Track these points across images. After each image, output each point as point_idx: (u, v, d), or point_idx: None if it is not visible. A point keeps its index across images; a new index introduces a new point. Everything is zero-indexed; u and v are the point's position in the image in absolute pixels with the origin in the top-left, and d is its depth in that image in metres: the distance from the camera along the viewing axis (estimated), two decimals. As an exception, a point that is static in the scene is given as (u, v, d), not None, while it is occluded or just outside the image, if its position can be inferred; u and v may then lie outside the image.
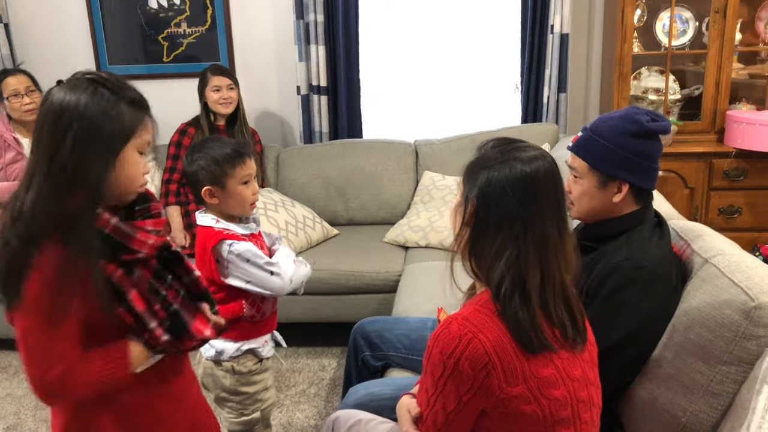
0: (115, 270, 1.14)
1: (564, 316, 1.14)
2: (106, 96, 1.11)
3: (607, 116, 1.59)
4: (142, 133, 1.16)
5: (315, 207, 3.31)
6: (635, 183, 1.52)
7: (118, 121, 1.11)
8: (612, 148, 1.51)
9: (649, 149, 1.53)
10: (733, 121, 3.02)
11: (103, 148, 1.11)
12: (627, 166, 1.51)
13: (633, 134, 1.51)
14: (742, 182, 3.05)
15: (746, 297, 1.29)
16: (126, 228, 1.15)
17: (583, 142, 1.57)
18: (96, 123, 1.09)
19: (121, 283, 1.14)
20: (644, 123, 1.51)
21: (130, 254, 1.15)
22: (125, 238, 1.14)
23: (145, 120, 1.17)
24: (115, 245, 1.13)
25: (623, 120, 1.53)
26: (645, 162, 1.52)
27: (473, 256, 1.18)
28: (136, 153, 1.16)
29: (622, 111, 1.59)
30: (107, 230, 1.12)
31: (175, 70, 3.71)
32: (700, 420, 1.32)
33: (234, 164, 1.64)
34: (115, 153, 1.12)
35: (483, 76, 3.64)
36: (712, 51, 3.08)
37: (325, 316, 2.89)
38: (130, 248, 1.15)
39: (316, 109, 3.56)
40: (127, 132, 1.13)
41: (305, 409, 2.54)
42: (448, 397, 1.13)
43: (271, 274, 1.66)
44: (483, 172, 1.17)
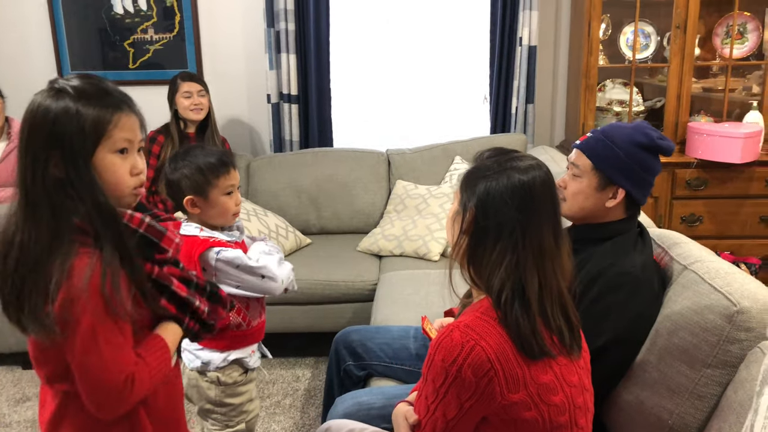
0: (152, 267, 1.13)
1: (561, 323, 1.17)
2: (65, 101, 1.07)
3: (619, 125, 1.67)
4: (113, 132, 1.09)
5: (287, 216, 3.29)
6: (631, 192, 1.58)
7: (77, 125, 1.06)
8: (619, 154, 1.57)
9: (652, 164, 1.59)
10: (693, 132, 3.14)
11: (71, 154, 1.06)
12: (629, 175, 1.56)
13: (642, 146, 1.57)
14: (702, 191, 3.17)
15: (728, 302, 1.34)
16: (158, 226, 1.14)
17: (593, 142, 1.62)
18: (60, 130, 1.05)
19: (160, 277, 1.14)
20: (654, 138, 1.58)
21: (161, 253, 1.14)
22: (158, 236, 1.13)
23: (116, 118, 1.09)
24: (149, 244, 1.13)
25: (635, 131, 1.60)
26: (645, 175, 1.58)
27: (472, 263, 1.20)
28: (112, 155, 1.10)
29: (633, 123, 1.67)
30: (142, 229, 1.11)
31: (141, 77, 3.64)
32: (686, 422, 1.36)
33: (218, 174, 1.62)
34: (84, 157, 1.07)
35: (453, 86, 3.68)
36: (674, 64, 3.19)
37: (301, 326, 2.87)
38: (162, 247, 1.14)
39: (286, 117, 3.54)
40: (91, 135, 1.07)
41: (281, 420, 2.51)
42: (450, 405, 1.13)
43: (263, 277, 1.65)
44: (481, 181, 1.18)
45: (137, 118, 1.15)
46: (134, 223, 1.11)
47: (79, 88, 1.09)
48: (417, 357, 1.92)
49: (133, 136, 1.13)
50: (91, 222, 1.06)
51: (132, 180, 1.13)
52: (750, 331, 1.30)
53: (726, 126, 3.07)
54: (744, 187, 3.14)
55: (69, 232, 1.06)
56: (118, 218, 1.09)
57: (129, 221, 1.10)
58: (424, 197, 3.17)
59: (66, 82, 1.10)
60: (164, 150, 3.05)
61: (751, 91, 3.44)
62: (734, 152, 2.99)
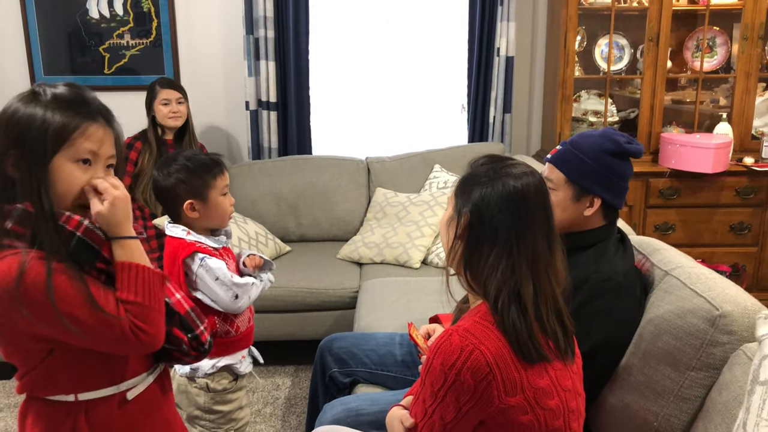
0: (99, 276, 1.09)
1: (556, 327, 1.19)
2: (36, 106, 1.06)
3: (587, 133, 1.68)
4: (77, 140, 1.06)
5: (266, 223, 3.27)
6: (607, 199, 1.60)
7: (40, 130, 1.04)
8: (590, 163, 1.59)
9: (623, 169, 1.62)
10: (666, 142, 3.22)
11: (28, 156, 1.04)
12: (602, 182, 1.59)
13: (610, 153, 1.60)
14: (675, 200, 3.25)
15: (710, 306, 1.37)
16: (99, 231, 1.08)
17: (563, 155, 1.64)
18: (21, 132, 1.04)
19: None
20: (622, 143, 1.60)
21: (103, 263, 1.09)
22: (98, 241, 1.08)
23: (84, 126, 1.07)
24: (89, 249, 1.07)
25: (602, 138, 1.62)
26: (618, 180, 1.61)
27: (468, 269, 1.21)
28: (71, 164, 1.07)
29: (600, 130, 1.69)
30: (79, 233, 1.06)
31: (117, 83, 3.59)
32: (671, 424, 1.40)
33: (215, 175, 1.62)
34: (41, 163, 1.05)
35: (432, 95, 3.71)
36: (647, 76, 3.28)
37: (282, 334, 2.85)
38: (103, 255, 1.08)
39: (265, 124, 3.53)
40: (52, 141, 1.05)
41: (262, 429, 2.48)
42: (448, 408, 1.14)
43: (236, 297, 1.63)
44: (476, 188, 1.20)
45: (112, 134, 1.12)
46: (71, 225, 1.07)
47: (57, 95, 1.08)
48: (403, 363, 1.93)
49: (100, 149, 1.09)
50: (27, 223, 1.04)
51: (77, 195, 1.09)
52: (732, 334, 1.34)
53: (697, 137, 3.16)
54: (715, 197, 3.23)
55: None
56: (55, 219, 1.05)
57: (65, 222, 1.06)
58: (404, 205, 3.18)
59: (49, 88, 1.09)
60: (141, 156, 3.02)
61: (718, 104, 3.55)
62: (706, 162, 3.07)
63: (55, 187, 1.06)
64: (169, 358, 1.22)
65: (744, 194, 3.21)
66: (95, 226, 1.08)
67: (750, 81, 3.26)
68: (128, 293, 1.08)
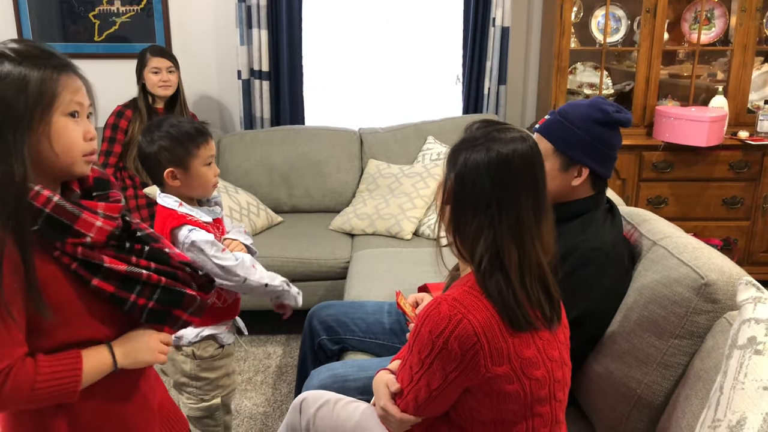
0: (75, 248, 1.04)
1: (541, 295, 1.18)
2: (5, 66, 1.00)
3: (576, 103, 1.66)
4: (62, 95, 1.03)
5: (258, 194, 3.26)
6: (595, 169, 1.59)
7: (20, 90, 1.00)
8: (578, 133, 1.57)
9: (612, 138, 1.61)
10: (661, 116, 3.20)
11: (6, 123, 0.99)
12: (590, 152, 1.58)
13: (599, 122, 1.58)
14: (668, 174, 3.24)
15: (696, 275, 1.38)
16: (69, 206, 1.03)
17: (551, 125, 1.63)
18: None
19: (86, 255, 1.04)
20: (611, 113, 1.58)
21: (75, 237, 1.04)
22: (69, 217, 1.02)
23: (62, 80, 1.03)
24: (59, 227, 1.02)
25: (591, 108, 1.60)
26: (606, 150, 1.60)
27: (456, 234, 1.20)
28: (64, 118, 1.04)
29: (589, 100, 1.66)
30: (48, 209, 1.01)
31: (107, 50, 3.54)
32: (653, 391, 1.41)
33: (198, 144, 1.59)
34: (28, 126, 1.00)
35: (426, 66, 3.68)
36: (643, 48, 3.24)
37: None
38: (75, 230, 1.03)
39: (257, 94, 3.49)
40: (39, 99, 1.01)
41: (253, 396, 2.51)
42: (434, 375, 1.15)
43: (222, 267, 1.61)
44: (462, 152, 1.19)
45: (84, 83, 1.09)
46: (39, 201, 1.01)
47: (20, 51, 1.02)
48: (391, 331, 1.93)
49: (83, 99, 1.07)
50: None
51: (85, 145, 1.08)
52: (716, 302, 1.34)
53: (692, 110, 3.14)
54: (708, 170, 3.22)
55: None
56: (24, 193, 0.99)
57: (34, 199, 1.00)
58: (397, 176, 3.17)
59: (4, 46, 1.03)
60: (132, 125, 2.99)
61: (715, 78, 3.53)
62: (700, 136, 3.06)
63: (56, 145, 1.03)
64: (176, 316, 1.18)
65: (737, 168, 3.21)
66: (66, 200, 1.04)
67: (747, 54, 3.23)
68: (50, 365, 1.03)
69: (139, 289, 1.10)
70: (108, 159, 2.97)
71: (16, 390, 0.99)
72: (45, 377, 1.01)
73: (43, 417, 1.09)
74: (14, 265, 0.98)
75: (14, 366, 0.99)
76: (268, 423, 2.35)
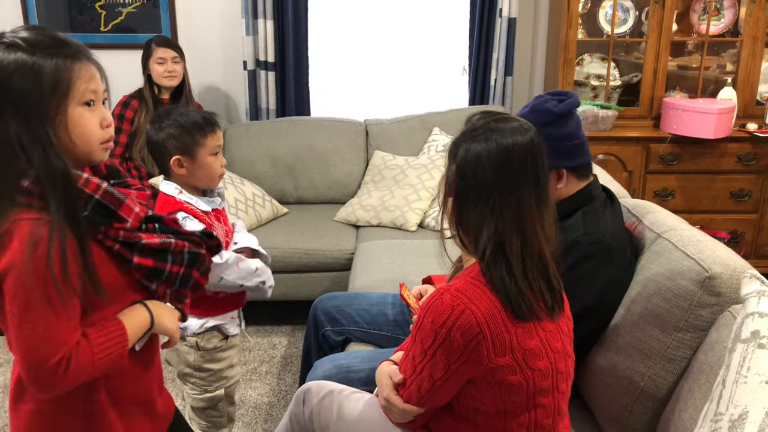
0: (117, 232, 1.07)
1: (542, 284, 1.18)
2: (19, 56, 0.99)
3: (520, 113, 1.61)
4: (76, 84, 1.03)
5: (263, 185, 3.26)
6: (569, 165, 1.57)
7: (35, 80, 0.99)
8: None
9: (567, 129, 1.58)
10: (669, 107, 3.18)
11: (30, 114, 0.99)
12: (555, 154, 1.52)
13: (546, 124, 1.54)
14: (675, 166, 3.22)
15: (700, 268, 1.37)
16: (117, 192, 1.06)
17: None
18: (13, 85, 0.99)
19: (127, 237, 1.08)
20: (552, 108, 1.55)
21: (119, 222, 1.07)
22: (116, 203, 1.06)
23: (76, 69, 1.03)
24: (107, 212, 1.06)
25: (533, 114, 1.57)
26: (568, 143, 1.57)
27: (460, 226, 1.21)
28: (80, 107, 1.04)
29: (529, 105, 1.62)
30: (98, 195, 1.03)
31: (113, 41, 3.54)
32: (656, 384, 1.40)
33: (205, 134, 1.60)
34: (46, 117, 1.00)
35: (432, 57, 3.66)
36: (651, 39, 3.22)
37: (277, 295, 2.84)
38: (120, 215, 1.07)
39: (263, 85, 3.49)
40: (54, 89, 1.01)
41: (258, 386, 2.52)
42: (437, 366, 1.15)
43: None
44: (463, 144, 1.19)
45: (98, 69, 1.09)
46: (90, 188, 1.03)
47: (31, 40, 1.02)
48: (394, 323, 1.94)
49: (97, 87, 1.07)
50: (41, 185, 0.99)
51: (102, 133, 1.08)
52: (720, 295, 1.34)
53: (700, 102, 3.12)
54: (716, 163, 3.20)
55: (12, 194, 1.00)
56: (72, 182, 1.01)
57: (84, 186, 1.03)
58: (402, 168, 3.17)
59: (15, 36, 1.02)
60: (138, 115, 3.00)
61: (724, 69, 3.49)
62: (708, 128, 3.04)
63: (73, 135, 1.04)
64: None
65: (746, 160, 3.18)
66: (113, 188, 1.07)
67: (757, 45, 3.20)
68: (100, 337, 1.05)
69: (171, 258, 1.14)
70: (114, 149, 2.98)
71: (79, 369, 1.02)
72: (100, 349, 1.05)
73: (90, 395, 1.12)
74: (74, 251, 1.00)
75: (73, 349, 1.02)
76: (272, 413, 2.36)
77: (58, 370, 0.99)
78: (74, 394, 1.09)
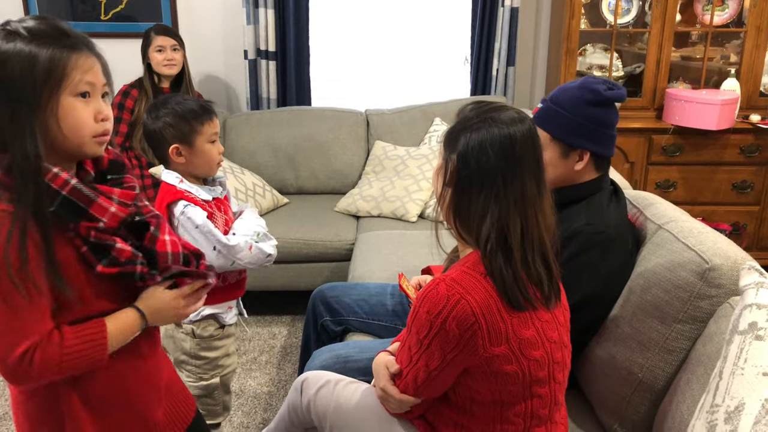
0: (88, 231, 1.04)
1: (541, 270, 1.18)
2: (17, 45, 0.99)
3: (566, 86, 1.63)
4: (71, 75, 1.02)
5: (263, 175, 3.25)
6: (596, 151, 1.57)
7: (28, 68, 0.98)
8: (572, 118, 1.55)
9: (608, 117, 1.58)
10: (672, 98, 3.15)
11: (18, 102, 0.99)
12: (587, 135, 1.55)
13: (591, 103, 1.55)
14: (677, 157, 3.20)
15: (700, 260, 1.36)
16: (86, 190, 1.03)
17: (544, 114, 1.60)
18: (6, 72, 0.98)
19: (99, 238, 1.06)
20: (602, 91, 1.55)
21: (89, 221, 1.05)
22: (85, 201, 1.03)
23: (73, 60, 1.02)
24: (75, 210, 1.03)
25: (581, 89, 1.57)
26: (604, 129, 1.57)
27: (458, 217, 1.20)
28: (73, 98, 1.02)
29: (579, 81, 1.63)
30: (65, 192, 1.01)
31: (114, 29, 3.53)
32: (655, 375, 1.40)
33: (202, 121, 1.60)
34: (37, 106, 0.99)
35: (434, 47, 3.64)
36: (655, 29, 3.19)
37: (277, 285, 2.86)
38: (90, 214, 1.04)
39: (263, 74, 3.48)
40: (47, 78, 0.99)
41: (257, 376, 2.52)
42: (433, 355, 1.15)
43: (214, 249, 1.61)
44: (462, 133, 1.18)
45: (99, 62, 1.07)
46: (57, 183, 1.01)
47: (33, 29, 1.01)
48: (393, 313, 1.93)
49: (95, 79, 1.06)
50: (11, 175, 0.98)
51: (96, 126, 1.06)
52: (720, 287, 1.33)
53: (703, 93, 3.09)
54: (718, 154, 3.18)
55: None
56: (40, 174, 0.99)
57: (51, 181, 1.01)
58: (403, 158, 3.15)
59: (19, 24, 1.02)
60: (138, 104, 2.98)
61: (728, 60, 3.47)
62: (711, 119, 3.02)
63: (63, 125, 1.02)
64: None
65: (748, 152, 3.16)
66: (83, 184, 1.04)
67: (761, 36, 3.17)
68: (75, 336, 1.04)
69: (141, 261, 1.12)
70: (114, 139, 2.94)
71: (45, 363, 1.01)
72: (71, 348, 1.04)
73: (57, 391, 1.11)
74: (36, 243, 0.99)
75: (42, 340, 1.01)
76: (272, 402, 2.36)
77: (21, 363, 0.99)
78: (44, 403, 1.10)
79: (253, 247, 1.67)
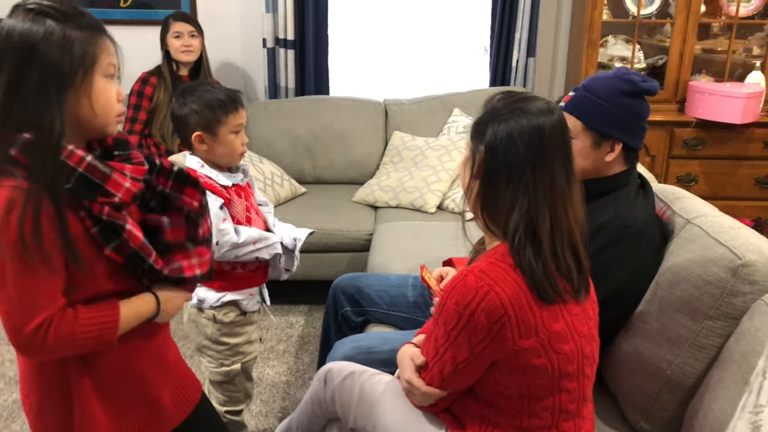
0: (101, 207, 1.06)
1: (571, 263, 1.16)
2: (49, 25, 1.01)
3: (599, 76, 1.61)
4: (101, 57, 1.06)
5: (282, 164, 3.25)
6: (628, 142, 1.55)
7: (65, 49, 1.01)
8: (607, 107, 1.53)
9: (641, 109, 1.56)
10: (695, 91, 3.11)
11: (50, 81, 1.00)
12: (621, 125, 1.53)
13: (627, 93, 1.54)
14: (700, 151, 3.16)
15: (733, 255, 1.34)
16: (102, 167, 1.05)
17: (577, 101, 1.58)
18: (39, 55, 1.00)
19: (111, 216, 1.06)
20: (638, 82, 1.53)
21: (105, 197, 1.06)
22: (101, 177, 1.05)
23: (100, 42, 1.06)
24: (90, 185, 1.05)
25: (617, 79, 1.55)
26: (637, 121, 1.55)
27: (486, 209, 1.18)
28: (104, 79, 1.06)
29: (612, 71, 1.61)
30: (81, 168, 1.03)
31: (132, 17, 3.52)
32: (684, 372, 1.38)
33: (227, 111, 1.59)
34: (71, 85, 1.02)
35: (453, 37, 3.61)
36: (679, 21, 3.14)
37: (296, 274, 2.82)
38: (106, 190, 1.06)
39: (282, 63, 3.46)
40: (83, 59, 1.03)
41: (275, 365, 2.53)
42: (460, 348, 1.14)
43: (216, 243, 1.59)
44: (490, 125, 1.17)
45: (113, 44, 1.11)
46: (73, 160, 1.03)
47: (62, 11, 1.03)
48: (414, 305, 1.92)
49: (116, 61, 1.10)
50: (29, 153, 1.00)
51: (119, 106, 1.11)
52: (754, 284, 1.31)
53: (727, 86, 3.05)
54: (741, 149, 3.14)
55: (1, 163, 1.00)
56: (59, 151, 1.01)
57: (68, 158, 1.02)
58: (422, 149, 3.13)
59: (39, 4, 1.03)
60: (157, 92, 2.98)
61: (751, 53, 3.41)
62: (735, 112, 2.97)
63: (96, 105, 1.05)
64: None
65: (772, 147, 3.12)
66: (98, 161, 1.06)
67: (787, 28, 3.12)
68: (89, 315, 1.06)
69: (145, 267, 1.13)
70: (133, 126, 2.97)
71: (57, 339, 1.03)
72: (83, 328, 1.05)
73: (68, 368, 1.12)
74: (51, 219, 1.00)
75: (56, 315, 1.03)
76: (290, 391, 2.37)
77: (36, 335, 1.01)
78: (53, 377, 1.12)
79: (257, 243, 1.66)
